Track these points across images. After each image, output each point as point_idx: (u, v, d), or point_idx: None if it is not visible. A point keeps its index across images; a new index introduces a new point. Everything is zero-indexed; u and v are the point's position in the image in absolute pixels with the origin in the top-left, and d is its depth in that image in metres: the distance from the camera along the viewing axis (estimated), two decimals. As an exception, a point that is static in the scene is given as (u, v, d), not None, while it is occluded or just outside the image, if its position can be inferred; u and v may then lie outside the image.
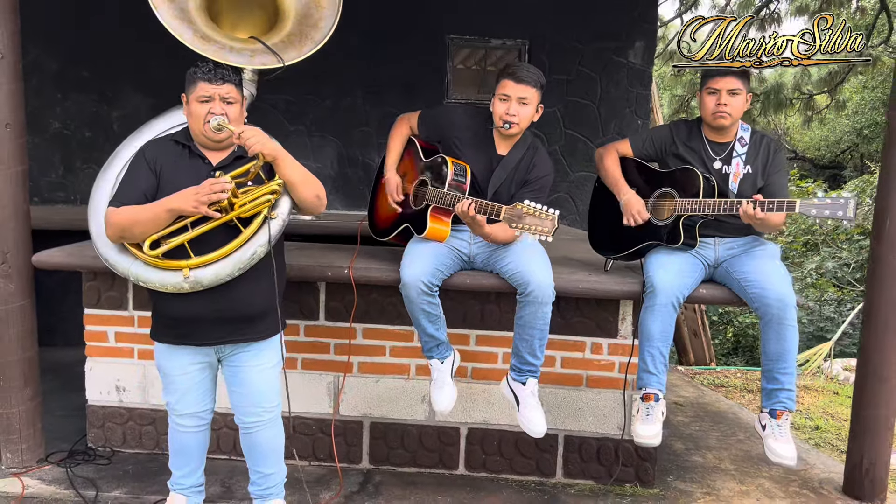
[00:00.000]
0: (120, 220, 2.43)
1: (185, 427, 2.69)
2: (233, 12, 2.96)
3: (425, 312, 2.87)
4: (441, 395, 2.98)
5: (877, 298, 3.24)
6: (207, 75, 2.46)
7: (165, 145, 2.57)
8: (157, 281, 2.46)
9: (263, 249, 2.47)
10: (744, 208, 2.70)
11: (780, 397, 2.80)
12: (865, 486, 3.31)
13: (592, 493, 3.28)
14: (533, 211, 2.60)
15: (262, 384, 2.62)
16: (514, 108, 2.91)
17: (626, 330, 3.28)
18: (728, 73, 2.89)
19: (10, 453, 3.27)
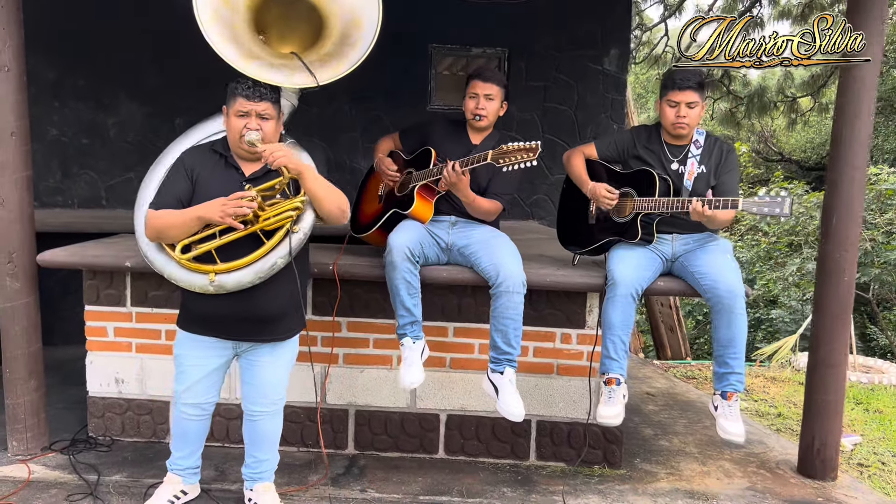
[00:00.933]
0: (156, 223, 2.64)
1: (187, 415, 2.90)
2: (281, 24, 3.05)
3: (406, 282, 3.10)
4: (409, 372, 3.15)
5: (825, 292, 3.48)
6: (246, 92, 2.64)
7: (204, 154, 2.77)
8: (186, 281, 2.67)
9: (283, 261, 2.66)
10: (693, 206, 2.95)
11: (730, 380, 3.05)
12: (817, 466, 3.55)
13: (563, 474, 3.50)
14: (516, 146, 2.91)
15: (272, 379, 2.84)
16: (482, 104, 3.28)
17: (593, 321, 3.51)
18: (686, 87, 3.11)
19: (16, 441, 3.47)
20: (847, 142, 3.37)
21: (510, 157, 2.93)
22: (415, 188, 3.28)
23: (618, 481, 3.45)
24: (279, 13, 3.07)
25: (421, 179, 3.27)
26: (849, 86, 3.34)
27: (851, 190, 3.39)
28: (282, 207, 2.64)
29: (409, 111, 5.66)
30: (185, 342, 2.84)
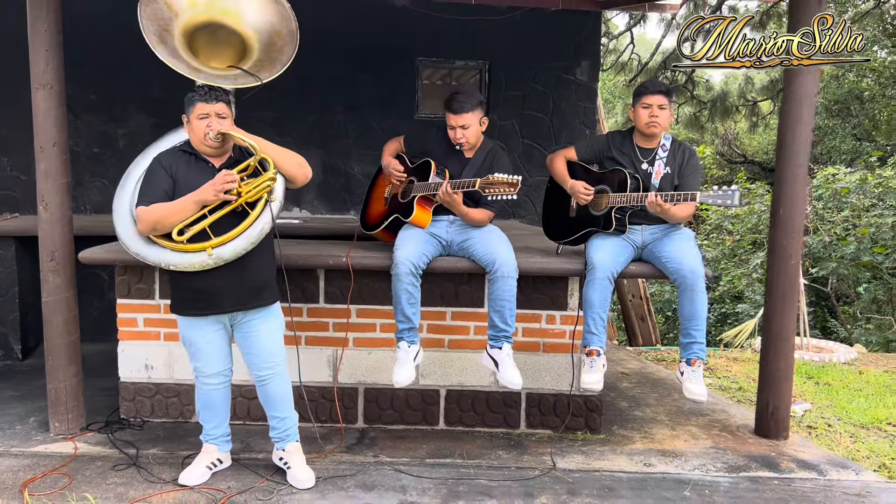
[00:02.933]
0: (152, 215, 3.02)
1: (211, 385, 3.31)
2: (207, 49, 3.57)
3: (407, 293, 3.53)
4: (400, 371, 3.57)
5: (775, 274, 3.98)
6: (204, 97, 3.08)
7: (175, 154, 3.19)
8: (185, 262, 3.05)
9: (269, 226, 3.10)
10: (650, 199, 3.41)
11: (693, 349, 3.53)
12: (771, 427, 4.04)
13: (550, 440, 3.96)
14: (501, 179, 3.32)
15: (270, 343, 3.25)
16: (459, 133, 3.65)
17: (574, 303, 3.98)
18: (657, 92, 3.58)
19: (58, 422, 3.84)
20: (790, 143, 3.87)
21: (494, 189, 3.35)
22: (415, 198, 3.70)
23: (598, 444, 3.91)
24: (206, 40, 3.59)
25: (420, 191, 3.69)
26: (792, 94, 3.83)
27: (795, 185, 3.90)
28: (259, 180, 3.07)
29: (399, 119, 6.11)
30: (187, 326, 3.24)
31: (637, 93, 3.68)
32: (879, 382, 5.42)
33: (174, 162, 3.15)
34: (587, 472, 3.55)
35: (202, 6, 3.47)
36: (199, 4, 3.46)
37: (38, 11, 3.59)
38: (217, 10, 3.49)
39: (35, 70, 3.64)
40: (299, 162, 3.17)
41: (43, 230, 3.74)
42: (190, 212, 3.02)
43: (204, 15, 3.48)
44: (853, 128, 18.00)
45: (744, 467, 3.64)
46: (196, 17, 3.47)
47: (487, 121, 3.75)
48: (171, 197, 3.07)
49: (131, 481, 3.32)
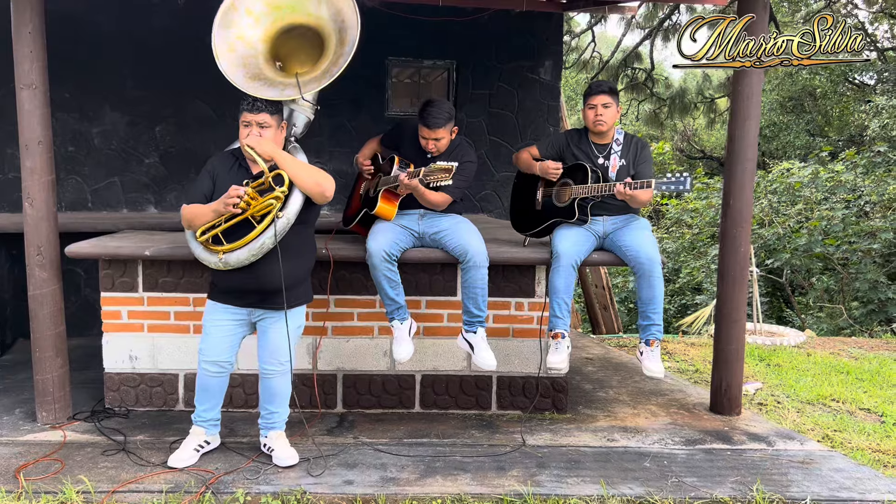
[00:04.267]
0: (186, 214, 3.36)
1: (208, 371, 3.48)
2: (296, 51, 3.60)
3: (387, 278, 3.75)
4: (400, 348, 3.85)
5: (726, 261, 4.27)
6: (248, 107, 3.31)
7: (225, 157, 3.46)
8: (207, 259, 3.35)
9: (271, 241, 3.26)
10: (617, 188, 3.68)
11: (651, 330, 3.81)
12: (724, 404, 4.34)
13: (520, 420, 4.20)
14: (437, 166, 3.51)
15: (279, 342, 3.45)
16: (432, 145, 3.87)
17: (541, 291, 4.22)
18: (600, 92, 3.84)
19: (45, 412, 3.96)
20: (739, 139, 4.16)
21: (433, 176, 3.55)
22: (380, 192, 3.91)
23: (565, 423, 4.16)
24: (295, 43, 3.60)
25: (384, 185, 3.90)
26: (740, 92, 4.11)
27: (744, 178, 4.18)
28: (266, 197, 3.26)
29: (370, 118, 6.29)
30: (210, 309, 3.48)
31: (584, 94, 3.94)
32: (825, 363, 5.78)
33: (220, 165, 3.42)
34: (554, 447, 3.79)
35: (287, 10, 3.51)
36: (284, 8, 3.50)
37: (23, 14, 3.72)
38: (302, 12, 3.51)
39: (19, 70, 3.76)
40: (317, 180, 3.30)
41: (29, 226, 3.86)
42: (209, 217, 3.29)
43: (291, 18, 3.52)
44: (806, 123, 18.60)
45: (699, 440, 3.92)
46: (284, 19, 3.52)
47: (457, 129, 3.95)
48: (208, 199, 3.33)
49: (122, 465, 3.47)
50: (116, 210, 5.92)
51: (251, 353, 3.73)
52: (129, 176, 5.93)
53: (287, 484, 3.30)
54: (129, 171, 5.93)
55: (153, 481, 3.30)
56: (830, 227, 11.09)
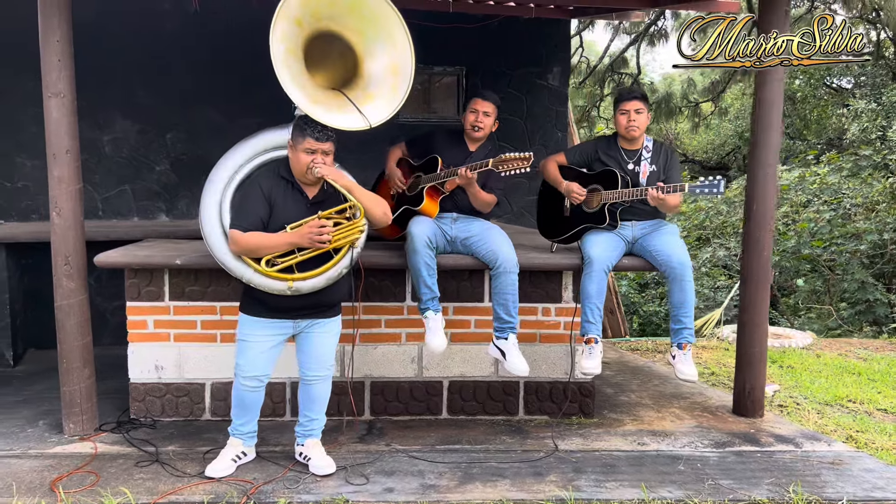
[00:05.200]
0: (248, 243, 3.23)
1: (247, 387, 3.45)
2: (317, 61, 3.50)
3: (426, 265, 3.77)
4: (435, 339, 3.84)
5: (750, 264, 4.33)
6: (317, 134, 3.21)
7: (276, 180, 3.32)
8: (266, 286, 3.29)
9: (346, 270, 3.37)
10: (650, 193, 3.72)
11: (683, 334, 3.85)
12: (748, 406, 4.38)
13: (548, 424, 4.22)
14: (513, 155, 3.61)
15: (325, 348, 3.47)
16: (480, 118, 3.98)
17: (567, 296, 4.25)
18: (632, 98, 3.90)
19: (73, 423, 3.92)
20: (762, 146, 4.21)
21: (508, 165, 3.64)
22: (423, 189, 3.94)
23: (593, 427, 4.19)
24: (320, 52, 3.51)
25: (430, 182, 3.94)
26: (763, 99, 4.17)
27: (766, 183, 4.25)
28: (350, 231, 3.28)
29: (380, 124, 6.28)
30: (248, 323, 3.41)
31: (616, 100, 3.98)
32: (836, 364, 5.87)
33: (273, 188, 3.29)
34: (588, 452, 3.81)
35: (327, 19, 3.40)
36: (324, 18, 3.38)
37: (50, 21, 3.68)
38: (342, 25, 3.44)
39: (48, 79, 3.72)
40: (385, 211, 3.36)
41: (56, 235, 3.82)
42: (282, 250, 3.24)
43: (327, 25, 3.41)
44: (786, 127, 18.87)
45: (728, 443, 3.96)
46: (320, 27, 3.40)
47: (498, 124, 4.06)
48: (265, 223, 3.25)
49: (157, 476, 3.44)
50: (127, 218, 5.88)
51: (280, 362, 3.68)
52: (140, 184, 5.89)
53: (328, 493, 3.29)
54: (140, 179, 5.89)
55: (192, 492, 3.28)
56: (818, 230, 11.25)
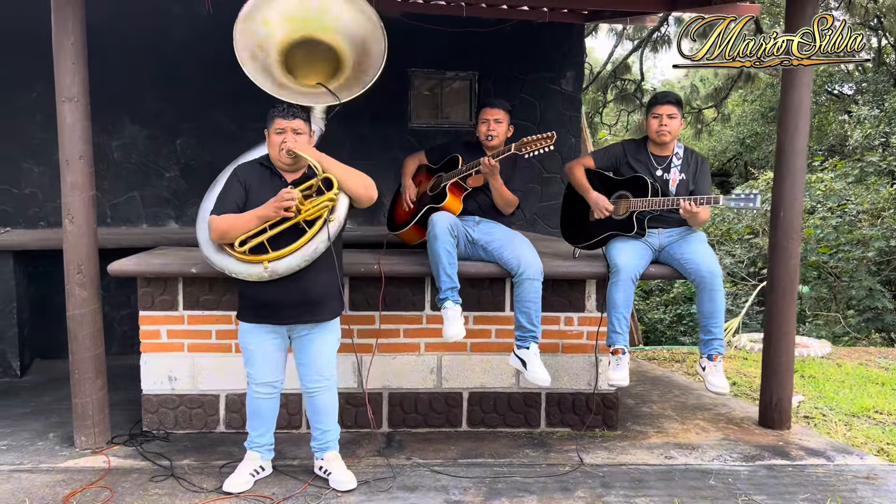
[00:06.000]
0: (221, 225, 3.15)
1: (260, 394, 3.36)
2: (305, 66, 3.61)
3: (447, 252, 3.68)
4: (453, 327, 3.70)
5: (776, 272, 4.23)
6: (282, 113, 3.18)
7: (254, 167, 3.30)
8: (245, 272, 3.16)
9: (324, 245, 3.16)
10: (682, 204, 3.63)
11: (714, 345, 3.74)
12: (775, 418, 4.28)
13: (570, 437, 4.12)
14: (534, 137, 3.57)
15: (322, 358, 3.33)
16: (492, 126, 3.90)
17: (591, 305, 4.15)
18: (666, 102, 3.80)
19: (84, 437, 3.81)
20: (789, 151, 4.12)
21: (530, 146, 3.60)
22: (446, 186, 3.87)
23: (617, 440, 4.08)
24: (303, 57, 3.62)
25: (452, 177, 3.89)
26: (789, 103, 4.09)
27: (794, 189, 4.15)
28: (319, 200, 3.15)
29: (392, 130, 6.21)
30: (246, 331, 3.32)
31: (648, 104, 3.89)
32: (858, 374, 5.77)
33: (249, 174, 3.25)
34: (614, 466, 3.71)
35: (300, 22, 3.50)
36: (297, 21, 3.50)
37: (65, 24, 3.59)
38: (316, 27, 3.52)
39: (61, 83, 3.62)
40: (365, 183, 3.25)
41: (69, 243, 3.72)
42: (252, 225, 3.12)
43: (301, 31, 3.52)
44: (788, 134, 18.82)
45: (757, 456, 3.86)
46: (294, 33, 3.50)
47: (513, 129, 3.97)
48: (241, 208, 3.17)
49: (174, 491, 3.33)
50: (136, 225, 5.78)
51: (294, 372, 3.58)
52: (150, 190, 5.79)
53: (350, 509, 3.19)
54: (150, 186, 5.80)
55: (211, 508, 3.18)
56: (824, 236, 11.18)
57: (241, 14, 3.40)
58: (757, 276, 11.63)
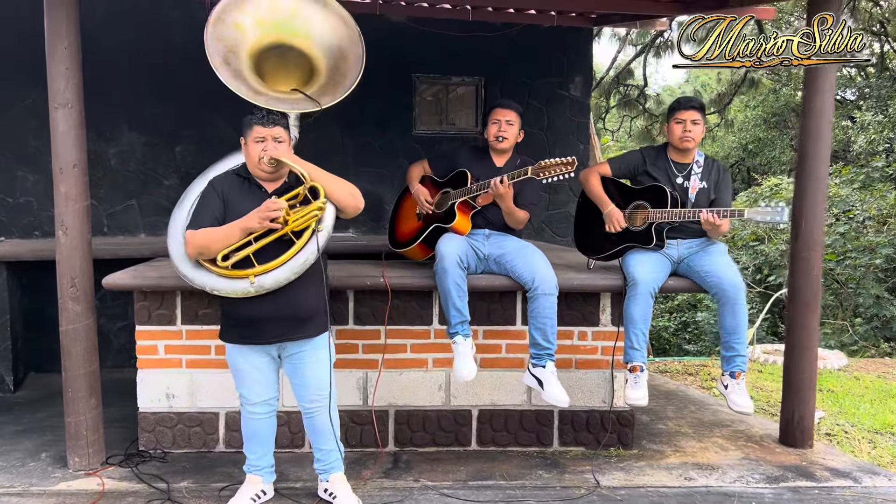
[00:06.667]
0: (199, 240, 2.96)
1: (256, 414, 3.19)
2: (276, 72, 3.47)
3: (457, 285, 3.50)
4: (464, 366, 3.54)
5: (798, 284, 4.06)
6: (261, 120, 3.01)
7: (230, 178, 3.13)
8: (229, 289, 2.97)
9: (313, 257, 3.00)
10: (704, 216, 3.46)
11: (736, 362, 3.58)
12: (797, 436, 4.11)
13: (585, 457, 3.95)
14: (554, 161, 3.36)
15: (316, 375, 3.15)
16: (503, 127, 3.73)
17: (605, 319, 3.99)
18: (690, 107, 3.64)
19: (78, 457, 3.64)
20: (811, 158, 3.96)
21: (549, 171, 3.40)
22: (454, 204, 3.69)
23: (633, 459, 3.92)
24: (275, 62, 3.48)
25: (460, 196, 3.68)
26: (812, 109, 3.92)
27: (816, 198, 3.99)
28: (307, 210, 2.98)
29: (396, 136, 6.06)
30: (232, 353, 3.16)
31: (671, 108, 3.74)
32: (878, 388, 5.60)
33: (227, 186, 3.08)
34: (632, 489, 3.54)
35: (271, 27, 3.37)
36: (268, 25, 3.36)
37: (58, 28, 3.45)
38: (286, 32, 3.39)
39: (54, 89, 3.48)
40: (351, 192, 3.09)
41: (62, 255, 3.57)
42: (235, 238, 2.95)
43: (273, 36, 3.38)
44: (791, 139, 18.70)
45: (781, 478, 3.69)
46: (264, 38, 3.37)
47: (524, 133, 3.82)
48: (220, 221, 3.00)
49: (171, 518, 3.17)
50: (134, 235, 5.62)
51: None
52: (148, 199, 5.64)
53: (357, 536, 3.02)
54: (148, 194, 5.64)
55: (209, 536, 3.01)
56: (831, 243, 11.05)
57: (210, 17, 3.26)
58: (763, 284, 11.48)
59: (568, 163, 3.34)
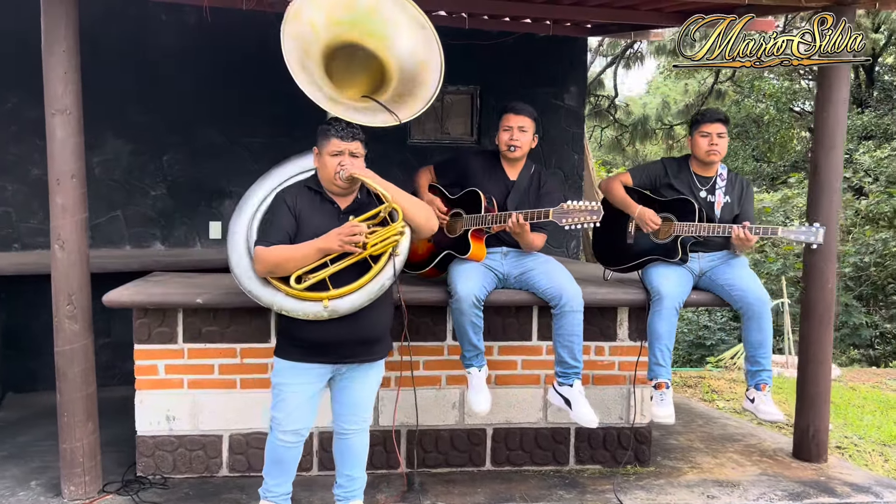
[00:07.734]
0: (272, 257, 2.81)
1: (286, 442, 3.00)
2: (342, 75, 3.23)
3: (473, 324, 3.37)
4: (479, 398, 3.47)
5: (812, 297, 4.03)
6: (340, 133, 2.86)
7: (302, 191, 2.95)
8: (300, 310, 2.82)
9: (389, 282, 2.88)
10: (736, 232, 3.39)
11: (762, 375, 3.53)
12: (812, 450, 4.07)
13: (602, 475, 3.85)
14: (578, 206, 3.18)
15: (364, 398, 3.03)
16: (516, 135, 3.56)
17: (623, 333, 3.90)
18: (716, 120, 3.58)
19: (73, 486, 3.42)
20: (825, 169, 3.94)
21: (573, 218, 3.21)
22: (468, 232, 3.53)
23: (652, 477, 3.83)
24: (343, 63, 3.25)
25: (474, 225, 3.52)
26: (825, 119, 3.90)
27: (830, 209, 3.97)
28: (387, 233, 2.85)
29: (390, 145, 5.91)
30: (285, 371, 2.96)
31: (695, 121, 3.67)
32: (875, 398, 5.62)
33: (299, 200, 2.91)
34: (657, 508, 3.46)
35: (346, 25, 3.14)
36: (344, 24, 3.13)
37: (56, 29, 3.28)
38: (361, 31, 3.16)
39: (51, 94, 3.30)
40: (428, 215, 2.98)
41: (58, 271, 3.37)
42: (311, 259, 2.81)
43: (347, 35, 3.15)
44: (752, 150, 19.03)
45: (803, 494, 3.63)
46: (339, 37, 3.13)
47: (537, 139, 3.69)
48: (292, 238, 2.85)
49: (179, 550, 2.98)
50: (119, 246, 5.38)
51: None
52: (134, 209, 5.41)
53: (382, 567, 2.87)
54: (134, 204, 5.41)
55: (225, 570, 2.83)
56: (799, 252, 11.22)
57: (287, 13, 3.00)
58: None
59: (593, 210, 3.16)
